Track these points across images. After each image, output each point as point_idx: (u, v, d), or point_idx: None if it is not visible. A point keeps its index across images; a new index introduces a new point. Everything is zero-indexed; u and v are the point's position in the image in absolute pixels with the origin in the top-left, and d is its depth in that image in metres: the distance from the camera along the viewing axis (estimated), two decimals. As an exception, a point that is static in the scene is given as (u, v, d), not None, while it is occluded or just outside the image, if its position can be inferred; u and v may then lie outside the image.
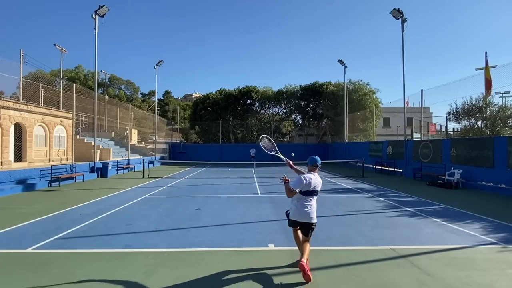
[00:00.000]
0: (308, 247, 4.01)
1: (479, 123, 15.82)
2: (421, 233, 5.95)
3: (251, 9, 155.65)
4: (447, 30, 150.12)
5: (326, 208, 8.27)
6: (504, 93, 17.94)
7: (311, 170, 4.20)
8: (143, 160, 18.92)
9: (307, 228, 4.09)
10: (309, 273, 3.69)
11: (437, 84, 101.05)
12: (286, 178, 4.11)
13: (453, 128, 18.84)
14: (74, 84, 19.84)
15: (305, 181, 3.98)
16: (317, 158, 4.25)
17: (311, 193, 4.07)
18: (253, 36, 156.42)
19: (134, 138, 32.13)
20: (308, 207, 4.04)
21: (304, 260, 3.77)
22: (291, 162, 4.85)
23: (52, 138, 18.10)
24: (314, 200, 4.14)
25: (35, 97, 19.80)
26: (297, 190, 3.93)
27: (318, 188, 4.14)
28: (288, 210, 4.32)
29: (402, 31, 17.43)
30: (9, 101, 15.39)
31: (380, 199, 9.87)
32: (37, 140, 17.05)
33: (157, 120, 31.98)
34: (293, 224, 4.21)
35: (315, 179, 4.08)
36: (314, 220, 4.09)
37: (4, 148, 14.46)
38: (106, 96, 32.98)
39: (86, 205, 8.87)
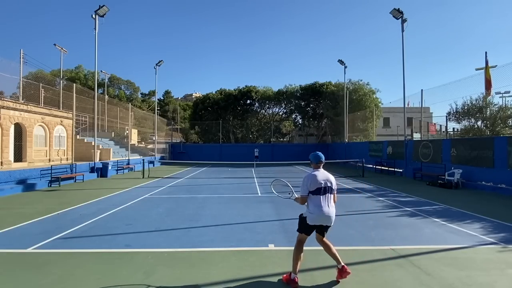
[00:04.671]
0: (334, 249, 3.88)
1: (479, 123, 15.82)
2: (421, 233, 5.95)
3: (251, 9, 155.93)
4: (447, 30, 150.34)
5: (326, 208, 8.28)
6: (504, 93, 17.94)
7: (316, 168, 3.92)
8: (143, 160, 18.91)
9: (324, 229, 3.86)
10: (348, 270, 3.77)
11: (437, 84, 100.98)
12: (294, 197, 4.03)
13: (453, 128, 18.86)
14: (74, 84, 19.85)
15: (309, 179, 3.75)
16: (320, 154, 3.97)
17: (324, 190, 3.74)
18: (253, 35, 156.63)
19: (134, 138, 32.11)
20: (326, 207, 3.69)
21: (342, 264, 3.77)
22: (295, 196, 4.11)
23: (52, 138, 18.09)
24: (331, 199, 3.81)
25: (35, 97, 19.78)
26: (306, 192, 3.75)
27: (332, 184, 3.80)
28: (303, 213, 3.90)
29: (402, 31, 17.44)
30: (9, 101, 15.38)
31: (380, 199, 9.87)
32: (37, 140, 17.04)
33: (157, 120, 31.98)
34: (308, 229, 3.80)
35: (322, 175, 3.81)
36: (333, 221, 3.83)
37: (4, 148, 14.45)
38: (106, 96, 32.98)
39: (86, 205, 8.87)
